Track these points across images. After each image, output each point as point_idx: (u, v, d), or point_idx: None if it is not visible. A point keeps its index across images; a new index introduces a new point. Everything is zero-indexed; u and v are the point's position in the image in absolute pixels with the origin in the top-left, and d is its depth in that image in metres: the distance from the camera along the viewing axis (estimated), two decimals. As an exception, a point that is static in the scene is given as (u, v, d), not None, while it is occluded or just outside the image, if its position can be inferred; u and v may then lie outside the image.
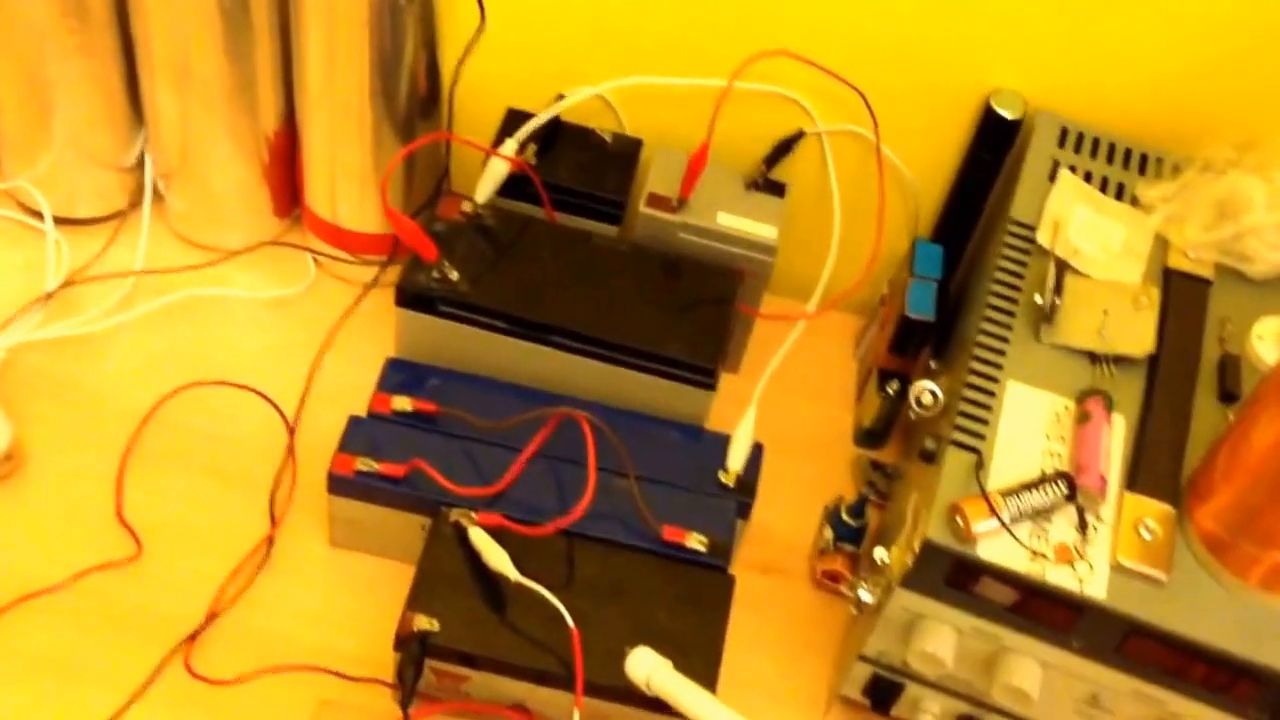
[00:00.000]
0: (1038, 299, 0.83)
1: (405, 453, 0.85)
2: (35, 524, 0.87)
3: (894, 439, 0.99)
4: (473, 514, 0.82)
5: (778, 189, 0.98)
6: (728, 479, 0.88)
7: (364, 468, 0.84)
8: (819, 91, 0.96)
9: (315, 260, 1.03)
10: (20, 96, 0.94)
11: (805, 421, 1.01)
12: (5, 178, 1.01)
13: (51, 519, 0.88)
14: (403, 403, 0.87)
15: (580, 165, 0.97)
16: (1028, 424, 0.79)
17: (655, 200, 0.95)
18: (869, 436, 1.00)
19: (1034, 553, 0.73)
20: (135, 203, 1.02)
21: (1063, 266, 0.85)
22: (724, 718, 0.74)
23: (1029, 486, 0.74)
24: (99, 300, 0.98)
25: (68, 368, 0.95)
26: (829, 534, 0.93)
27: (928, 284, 0.95)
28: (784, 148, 0.98)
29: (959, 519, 0.73)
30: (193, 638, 0.83)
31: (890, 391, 0.95)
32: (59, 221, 1.00)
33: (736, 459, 0.89)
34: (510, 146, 0.94)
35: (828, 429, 1.01)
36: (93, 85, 0.95)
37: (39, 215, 1.00)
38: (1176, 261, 0.88)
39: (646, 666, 0.77)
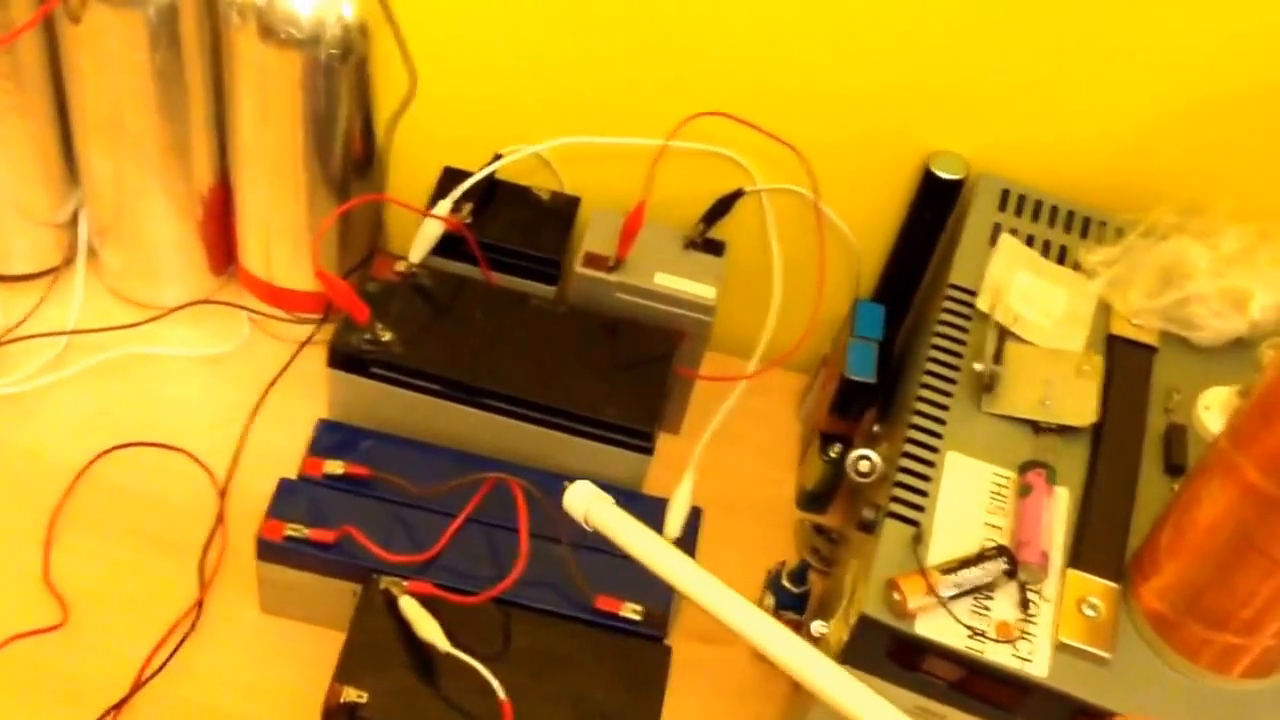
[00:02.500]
0: (978, 367, 0.83)
1: (336, 518, 0.83)
2: (-41, 590, 0.86)
3: (838, 502, 0.99)
4: (404, 582, 0.80)
5: (716, 248, 0.97)
6: (665, 544, 0.87)
7: (293, 533, 0.82)
8: (758, 150, 0.96)
9: (250, 318, 1.02)
10: (-50, 155, 0.93)
11: (747, 482, 1.00)
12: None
13: (-24, 586, 0.86)
14: (334, 466, 0.86)
15: (517, 224, 0.96)
16: (968, 495, 0.78)
17: (592, 259, 0.94)
18: (812, 500, 0.99)
19: (973, 631, 0.72)
20: (69, 259, 1.01)
21: (1004, 334, 0.84)
22: (661, 550, 0.71)
23: (969, 562, 0.73)
24: (31, 358, 0.97)
25: (-3, 427, 0.94)
26: (770, 601, 0.91)
27: (869, 345, 0.94)
28: (723, 206, 0.98)
29: (896, 594, 0.72)
30: (118, 707, 0.81)
31: (832, 455, 0.94)
32: (-12, 278, 0.99)
33: (674, 524, 0.88)
34: (445, 206, 0.93)
35: (770, 490, 1.00)
36: (27, 144, 0.94)
37: (-33, 273, 0.99)
38: (1120, 328, 0.87)
39: (585, 500, 0.75)
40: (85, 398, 0.96)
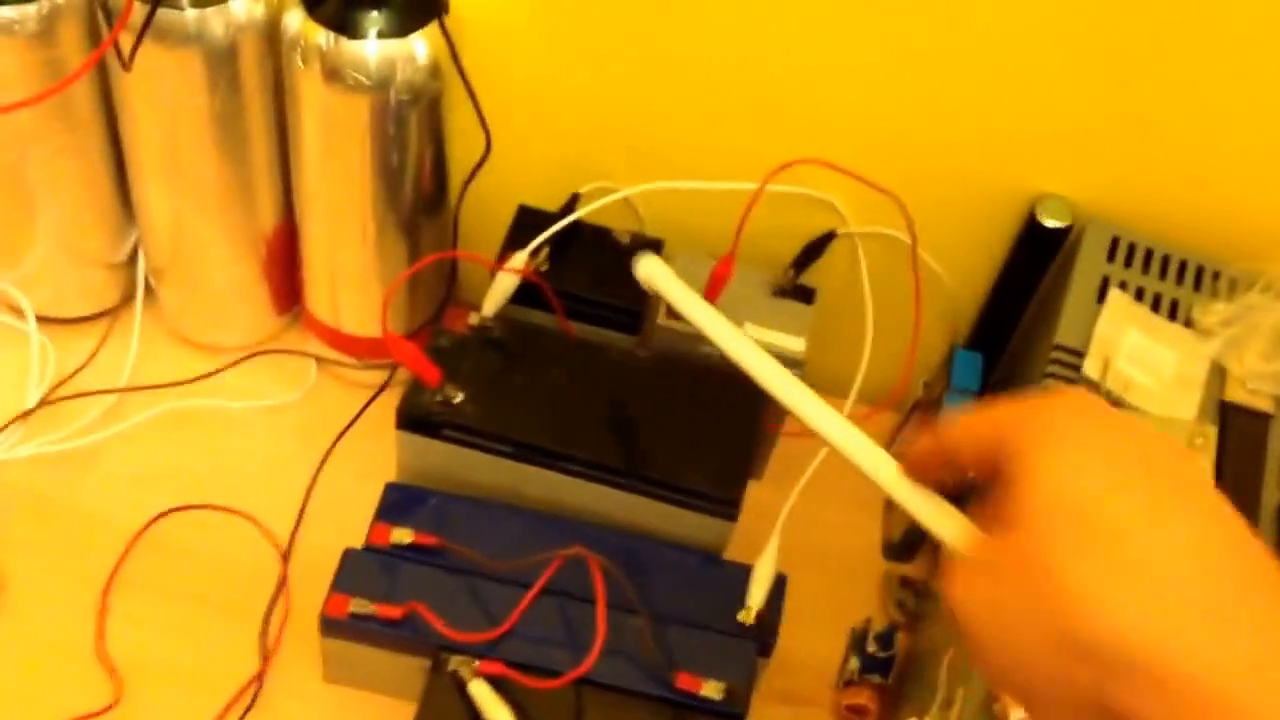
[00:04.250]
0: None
1: (404, 591, 0.79)
2: (11, 659, 0.82)
3: (925, 553, 0.94)
4: (474, 663, 0.76)
5: (806, 295, 0.92)
6: (747, 617, 0.82)
7: (359, 609, 0.78)
8: (853, 194, 0.91)
9: (316, 365, 0.98)
10: (5, 198, 0.89)
11: (832, 533, 0.95)
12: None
13: (29, 654, 0.82)
14: (402, 535, 0.82)
15: (596, 270, 0.91)
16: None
17: (675, 309, 0.89)
18: (898, 550, 0.94)
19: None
20: (127, 299, 0.98)
21: (1114, 403, 0.79)
22: (723, 328, 0.72)
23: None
24: (86, 410, 0.93)
25: (50, 484, 0.90)
26: (855, 664, 0.87)
27: (965, 396, 0.89)
28: (814, 250, 0.92)
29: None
30: (176, 787, 0.78)
31: (920, 511, 0.89)
32: (46, 321, 0.96)
33: (758, 595, 0.83)
34: (519, 259, 0.88)
35: (855, 541, 0.95)
36: (80, 185, 0.90)
37: (22, 316, 0.95)
38: (1234, 394, 0.81)
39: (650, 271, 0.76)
40: (141, 452, 0.92)
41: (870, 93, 0.86)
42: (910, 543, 0.93)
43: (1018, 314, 0.94)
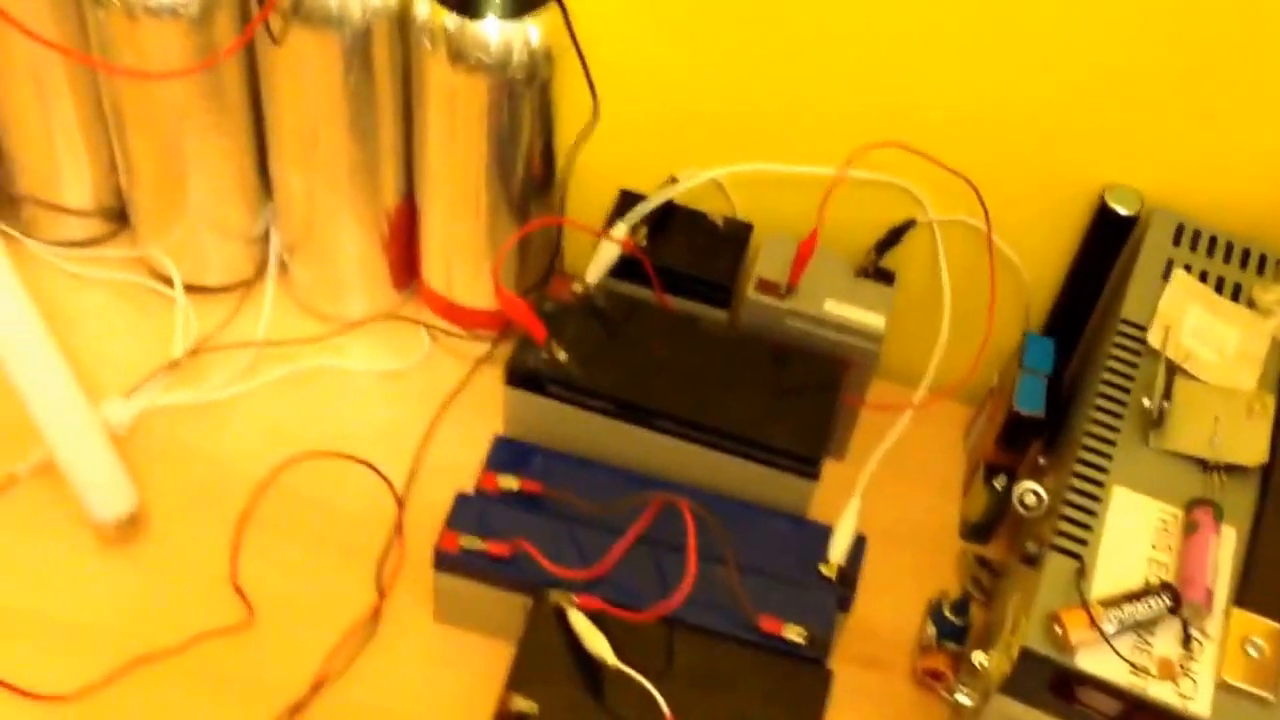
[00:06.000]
0: (1146, 402, 0.82)
1: (510, 532, 0.86)
2: (154, 587, 0.90)
3: (1001, 534, 0.99)
4: (573, 596, 0.83)
5: (886, 277, 0.98)
6: (829, 571, 0.88)
7: (469, 546, 0.85)
8: (931, 180, 0.96)
9: (429, 334, 1.05)
10: (158, 171, 0.98)
11: (910, 511, 1.00)
12: (139, 246, 1.05)
13: (169, 583, 0.90)
14: (509, 482, 0.89)
15: (690, 248, 0.98)
16: (1133, 531, 0.78)
17: (764, 285, 0.96)
18: (975, 531, 0.99)
19: (1135, 666, 0.72)
20: (261, 273, 1.06)
21: (1173, 370, 0.84)
22: None
23: (1132, 598, 0.73)
24: (223, 368, 1.02)
25: (190, 434, 0.98)
26: (932, 631, 0.92)
27: (1038, 378, 0.94)
28: (894, 236, 0.98)
29: (1058, 628, 0.72)
30: (297, 709, 0.85)
31: (997, 487, 0.94)
32: (188, 289, 1.04)
33: (838, 550, 0.89)
34: (622, 230, 0.95)
35: (933, 520, 1.01)
36: (225, 162, 0.99)
37: (170, 282, 1.04)
38: (1293, 366, 0.86)
39: None
40: (272, 408, 1.00)
41: (949, 80, 0.92)
42: (988, 524, 0.98)
43: (1091, 300, 0.98)
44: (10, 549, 0.90)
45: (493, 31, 0.88)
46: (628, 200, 0.99)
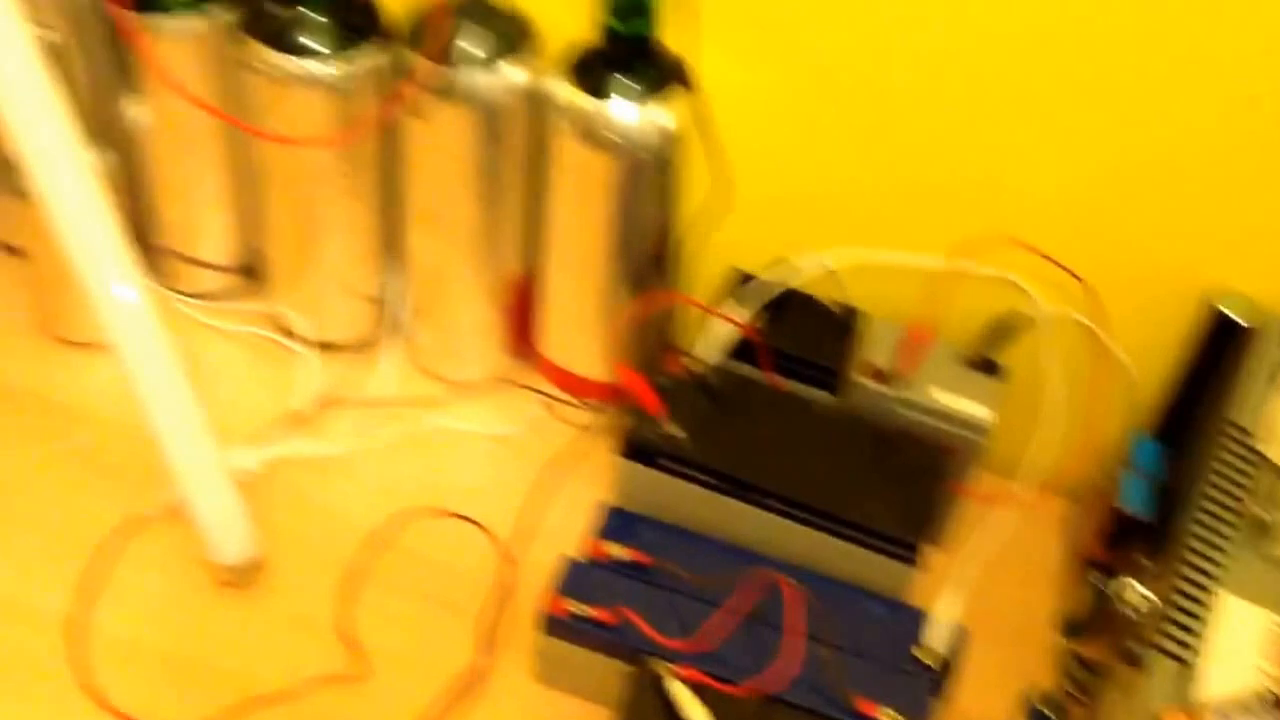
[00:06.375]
0: (1256, 510, 0.83)
1: (615, 600, 0.88)
2: (267, 631, 0.93)
3: (1100, 633, 0.99)
4: (674, 667, 0.84)
5: (994, 368, 0.99)
6: (925, 656, 0.89)
7: (576, 611, 0.87)
8: (1041, 274, 0.98)
9: (542, 400, 1.08)
10: (292, 230, 1.03)
11: (1007, 603, 1.00)
12: (270, 301, 1.09)
13: (282, 628, 0.93)
14: (617, 550, 0.91)
15: (801, 331, 1.00)
16: (1241, 639, 0.78)
17: (871, 371, 0.97)
18: (1073, 627, 0.99)
19: (1240, 777, 0.72)
20: (383, 332, 1.10)
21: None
22: None
23: (1240, 706, 0.74)
24: (342, 423, 1.05)
25: (307, 484, 1.01)
26: (1026, 727, 0.92)
27: (1144, 479, 0.95)
28: (1003, 329, 1.00)
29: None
30: (399, 760, 0.88)
31: (1098, 584, 0.94)
32: (313, 345, 1.08)
33: (935, 636, 0.90)
34: (737, 310, 0.98)
35: (1030, 614, 1.01)
36: (357, 224, 1.02)
37: (296, 337, 1.08)
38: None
39: None
40: (385, 463, 1.03)
41: (1063, 176, 0.94)
42: (1087, 621, 0.98)
43: (1198, 403, 0.99)
44: (136, 585, 0.94)
45: (623, 113, 0.91)
46: (739, 279, 1.02)
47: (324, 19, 0.93)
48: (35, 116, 0.79)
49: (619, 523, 0.94)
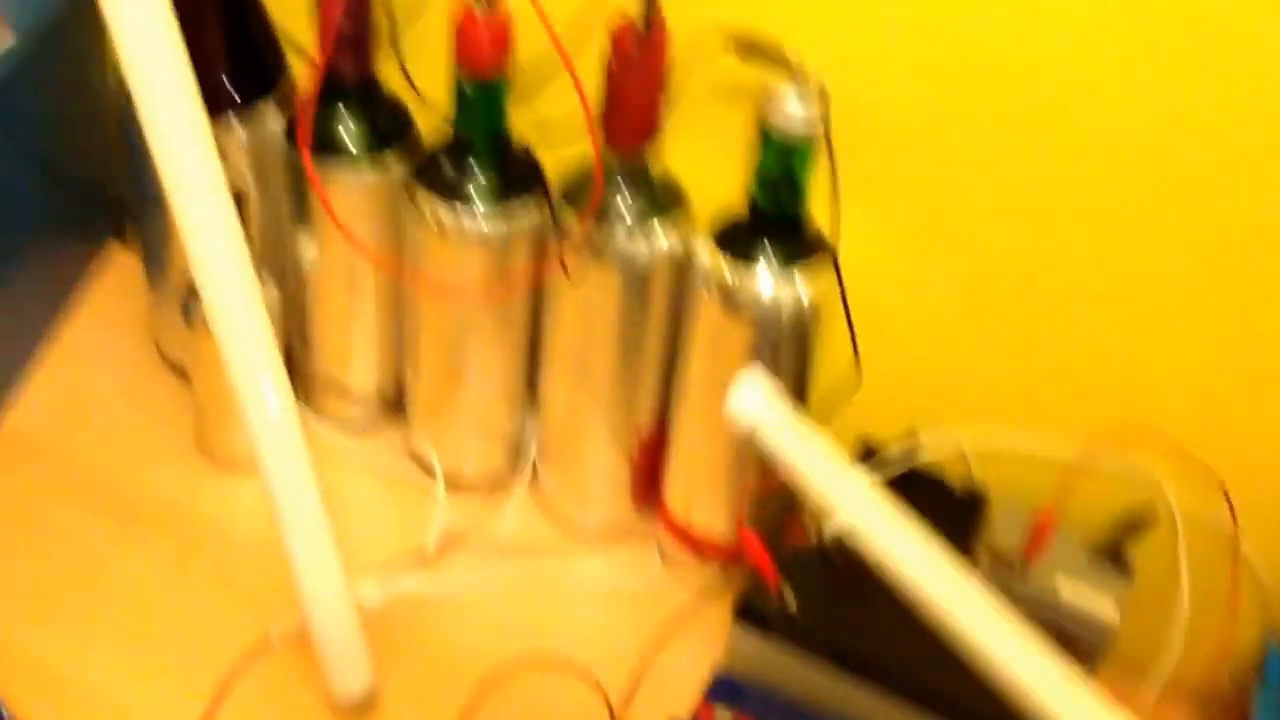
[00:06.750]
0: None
1: (719, 767, 0.88)
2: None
3: None
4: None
5: (1123, 563, 0.97)
6: None
7: (681, 774, 0.88)
8: (1179, 471, 0.96)
9: (662, 554, 1.09)
10: (438, 371, 1.06)
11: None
12: (409, 435, 1.13)
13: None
14: (724, 716, 0.91)
15: (924, 508, 0.99)
16: None
17: (994, 556, 0.96)
18: None
19: None
20: (513, 472, 1.12)
21: None
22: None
23: None
24: (465, 561, 1.07)
25: (425, 621, 1.03)
26: None
27: (1276, 696, 0.92)
28: (1134, 523, 0.98)
29: None
30: None
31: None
32: (445, 480, 1.11)
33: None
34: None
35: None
36: (499, 369, 1.06)
37: (431, 472, 1.11)
38: None
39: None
40: (503, 606, 1.05)
41: (1209, 372, 0.92)
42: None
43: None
44: (254, 706, 0.96)
45: (764, 283, 0.93)
46: (867, 449, 1.02)
47: (490, 176, 0.97)
48: (217, 252, 0.85)
49: (729, 688, 0.93)
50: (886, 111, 0.93)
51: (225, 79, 1.02)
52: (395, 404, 1.15)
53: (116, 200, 1.14)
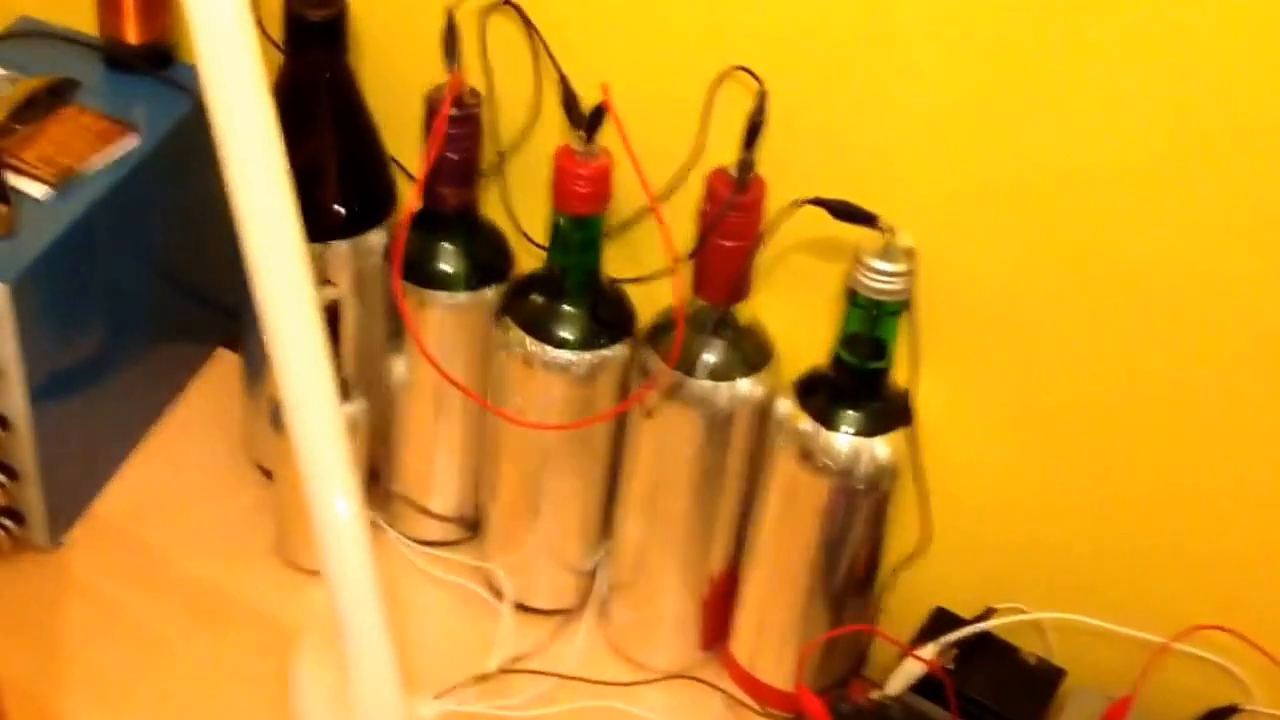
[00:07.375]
0: None
1: None
2: None
3: None
4: None
5: (1199, 760, 0.95)
6: None
7: None
8: (1260, 670, 0.94)
9: (724, 700, 1.08)
10: (515, 498, 1.07)
11: None
12: (482, 557, 1.14)
13: None
14: None
15: (996, 681, 0.98)
16: None
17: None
18: None
19: None
20: (583, 604, 1.13)
21: None
22: None
23: None
24: (527, 689, 1.07)
25: (483, 744, 1.03)
26: None
27: None
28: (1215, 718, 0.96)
29: None
30: None
31: None
32: (515, 606, 1.12)
33: None
34: (930, 650, 0.97)
35: None
36: (575, 500, 1.06)
37: (501, 596, 1.12)
38: None
39: None
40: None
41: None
42: None
43: None
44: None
45: (844, 442, 0.94)
46: (941, 618, 1.01)
47: (579, 312, 0.99)
48: (302, 366, 0.87)
49: (778, 846, 0.92)
50: (980, 286, 0.93)
51: (334, 198, 1.06)
52: (472, 524, 1.16)
53: (229, 307, 1.18)
